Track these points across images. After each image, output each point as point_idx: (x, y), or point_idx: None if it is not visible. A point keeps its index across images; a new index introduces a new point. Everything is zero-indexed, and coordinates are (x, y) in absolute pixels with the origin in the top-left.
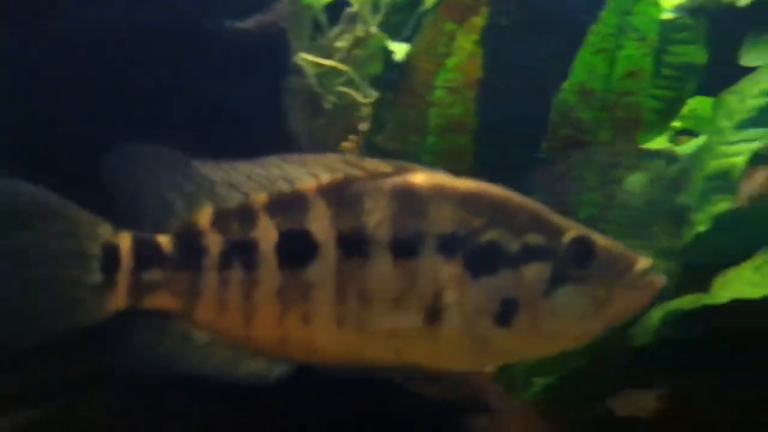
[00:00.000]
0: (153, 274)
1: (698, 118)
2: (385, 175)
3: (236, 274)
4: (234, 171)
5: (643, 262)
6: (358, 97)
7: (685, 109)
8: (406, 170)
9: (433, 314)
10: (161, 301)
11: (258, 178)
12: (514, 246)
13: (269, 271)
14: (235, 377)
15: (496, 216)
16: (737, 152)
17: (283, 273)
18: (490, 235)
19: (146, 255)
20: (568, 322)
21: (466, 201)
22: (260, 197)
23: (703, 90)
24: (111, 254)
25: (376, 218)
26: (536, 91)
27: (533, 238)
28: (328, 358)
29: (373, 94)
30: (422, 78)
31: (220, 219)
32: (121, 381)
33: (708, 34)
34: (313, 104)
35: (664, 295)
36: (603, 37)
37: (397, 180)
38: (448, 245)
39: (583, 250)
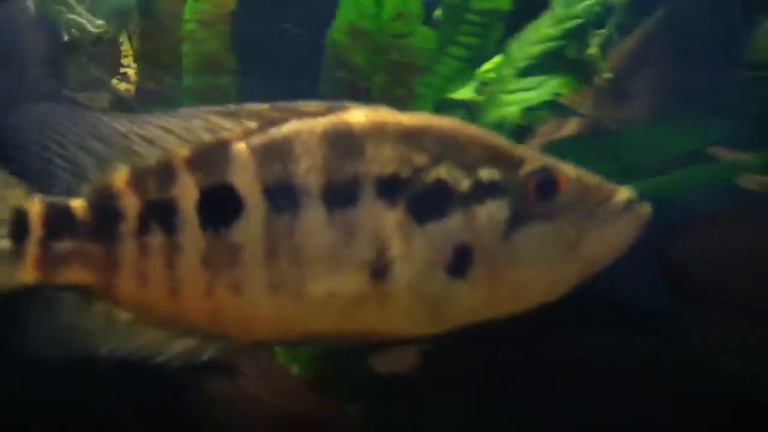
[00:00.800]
0: (65, 244)
1: None
2: (316, 114)
3: (155, 239)
4: (150, 124)
5: (623, 193)
6: (89, 26)
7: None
8: (343, 109)
9: (378, 270)
10: (76, 275)
11: (178, 130)
12: (464, 183)
13: (191, 234)
14: (166, 358)
15: (444, 151)
16: (513, 102)
17: (206, 235)
18: (436, 174)
19: (57, 222)
20: (533, 269)
21: (409, 137)
22: (181, 151)
23: None
24: (20, 220)
25: (306, 164)
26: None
27: (487, 173)
28: (266, 333)
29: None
30: (170, 8)
31: (137, 179)
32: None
33: None
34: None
35: None
36: None
37: (330, 120)
38: (389, 189)
39: (546, 181)
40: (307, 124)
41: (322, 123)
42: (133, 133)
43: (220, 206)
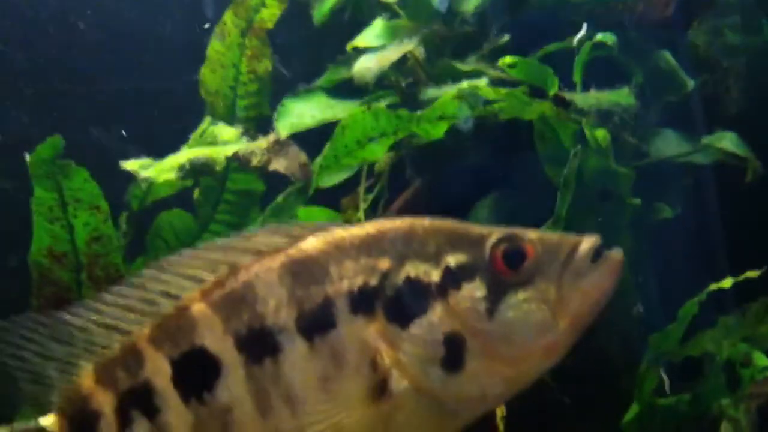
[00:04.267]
0: None
1: None
2: (272, 252)
3: (141, 428)
4: (105, 305)
5: (588, 242)
6: None
7: None
8: (297, 238)
9: (376, 387)
10: None
11: (135, 305)
12: (434, 275)
13: (175, 411)
14: None
15: (405, 250)
16: None
17: (191, 407)
18: (404, 273)
19: None
20: (527, 337)
21: (366, 246)
22: (142, 330)
23: None
24: None
25: (272, 303)
26: None
27: (453, 259)
28: None
29: None
30: None
31: (105, 372)
32: None
33: None
34: None
35: None
36: (49, 208)
37: (287, 253)
38: (362, 301)
39: (511, 249)
40: (263, 264)
41: (277, 258)
42: (92, 323)
43: (197, 373)
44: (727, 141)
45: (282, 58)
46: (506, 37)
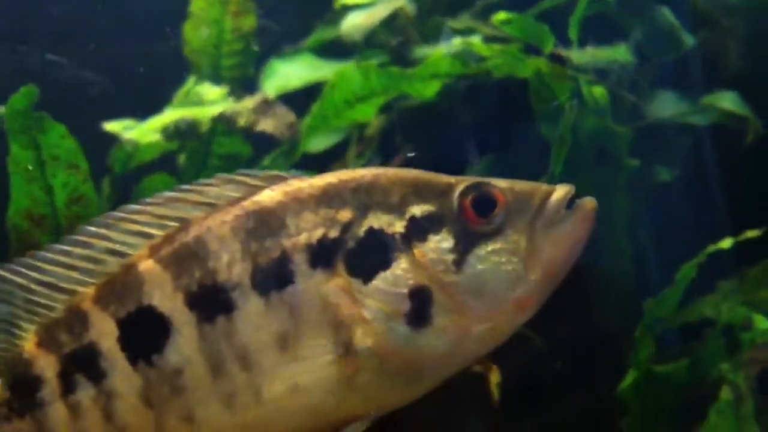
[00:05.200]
0: None
1: None
2: (225, 205)
3: (85, 394)
4: (47, 263)
5: (560, 191)
6: None
7: None
8: (252, 190)
9: (338, 345)
10: None
11: (79, 263)
12: (398, 226)
13: (122, 374)
14: None
15: (367, 200)
16: None
17: (139, 369)
18: (367, 224)
19: None
20: (498, 290)
21: (327, 196)
22: (86, 291)
23: None
24: None
25: (225, 258)
26: None
27: (418, 209)
28: None
29: None
30: None
31: (48, 335)
32: None
33: None
34: None
35: None
36: (26, 168)
37: (241, 206)
38: (322, 255)
39: (481, 197)
40: (215, 218)
41: (231, 211)
42: (34, 281)
43: (145, 333)
44: (727, 101)
45: (267, 15)
46: None
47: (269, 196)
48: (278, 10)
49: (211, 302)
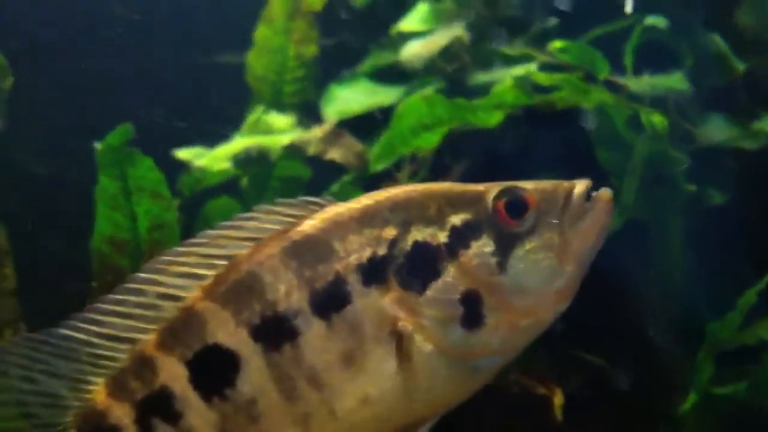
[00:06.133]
0: None
1: None
2: (269, 239)
3: None
4: (105, 315)
5: (580, 185)
6: None
7: None
8: (292, 220)
9: (400, 356)
10: None
11: (135, 311)
12: (441, 236)
13: (197, 411)
14: None
15: (407, 216)
16: None
17: (212, 406)
18: (411, 238)
19: None
20: (539, 286)
21: (367, 217)
22: (149, 338)
23: None
24: None
25: (283, 289)
26: None
27: (457, 218)
28: None
29: None
30: None
31: (117, 385)
32: None
33: None
34: None
35: None
36: (113, 196)
37: (286, 238)
38: (373, 273)
39: (513, 200)
40: (262, 252)
41: (277, 244)
42: (94, 335)
43: (214, 370)
44: None
45: (324, 40)
46: (554, 20)
47: (310, 225)
48: (334, 35)
49: (275, 332)
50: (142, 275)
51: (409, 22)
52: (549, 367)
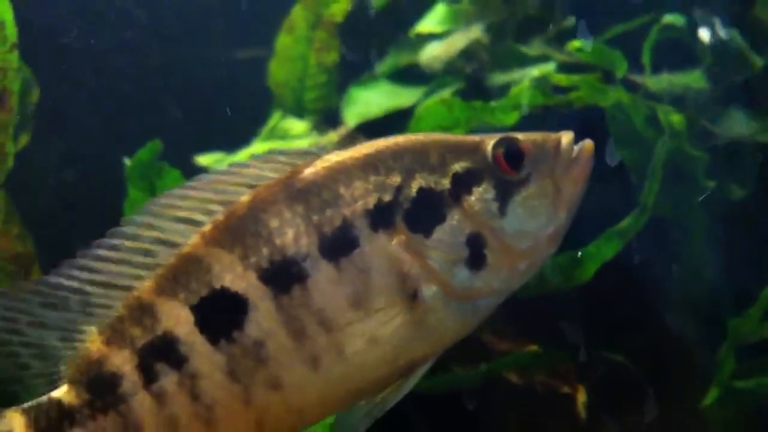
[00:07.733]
0: None
1: None
2: (270, 186)
3: (169, 379)
4: (98, 261)
5: (567, 136)
6: None
7: None
8: (290, 168)
9: (408, 296)
10: None
11: (130, 257)
12: (445, 182)
13: (203, 355)
14: None
15: (411, 163)
16: None
17: (220, 347)
18: (416, 185)
19: (50, 425)
20: (536, 230)
21: (371, 165)
22: (147, 284)
23: None
24: None
25: (291, 233)
26: None
27: (459, 166)
28: (325, 412)
29: None
30: None
31: (114, 332)
32: None
33: None
34: None
35: None
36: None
37: (288, 184)
38: (381, 217)
39: (511, 150)
40: (266, 199)
41: (282, 189)
42: (87, 282)
43: (222, 314)
44: None
45: (342, 42)
46: (572, 20)
47: (313, 172)
48: (351, 37)
49: (284, 275)
50: (137, 218)
51: (427, 24)
52: (573, 364)
